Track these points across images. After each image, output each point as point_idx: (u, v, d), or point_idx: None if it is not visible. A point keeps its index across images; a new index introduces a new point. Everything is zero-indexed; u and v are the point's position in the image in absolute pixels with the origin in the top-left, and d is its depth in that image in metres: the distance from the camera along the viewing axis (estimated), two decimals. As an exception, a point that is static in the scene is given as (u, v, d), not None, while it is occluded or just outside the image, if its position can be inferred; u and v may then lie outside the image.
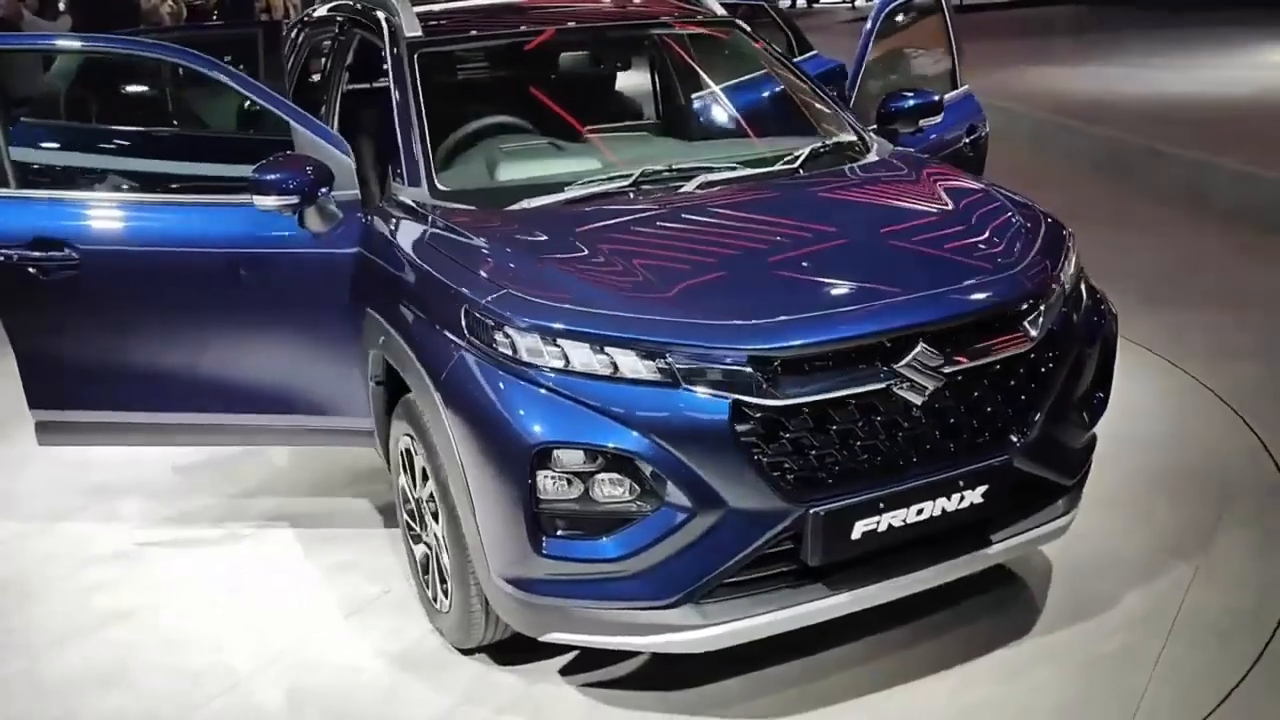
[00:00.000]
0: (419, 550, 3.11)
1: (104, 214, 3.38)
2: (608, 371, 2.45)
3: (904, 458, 2.56)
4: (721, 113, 4.03)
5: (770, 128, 3.84)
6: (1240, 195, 6.87)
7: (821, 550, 2.50)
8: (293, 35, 4.64)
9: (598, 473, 2.44)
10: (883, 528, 2.53)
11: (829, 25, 19.07)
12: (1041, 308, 2.72)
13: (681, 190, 3.19)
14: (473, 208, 3.08)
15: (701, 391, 2.42)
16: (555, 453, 2.43)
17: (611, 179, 3.22)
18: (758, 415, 2.42)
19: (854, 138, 3.64)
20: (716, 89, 4.13)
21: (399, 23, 3.53)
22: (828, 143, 3.56)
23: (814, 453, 2.48)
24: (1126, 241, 6.05)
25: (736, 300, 2.56)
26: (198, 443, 3.83)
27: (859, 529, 2.51)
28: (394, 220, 3.14)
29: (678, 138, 4.00)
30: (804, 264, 2.81)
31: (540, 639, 2.64)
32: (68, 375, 3.48)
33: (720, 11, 4.09)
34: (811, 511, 2.45)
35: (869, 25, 4.29)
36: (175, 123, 4.45)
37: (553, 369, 2.47)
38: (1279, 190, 6.61)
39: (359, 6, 3.96)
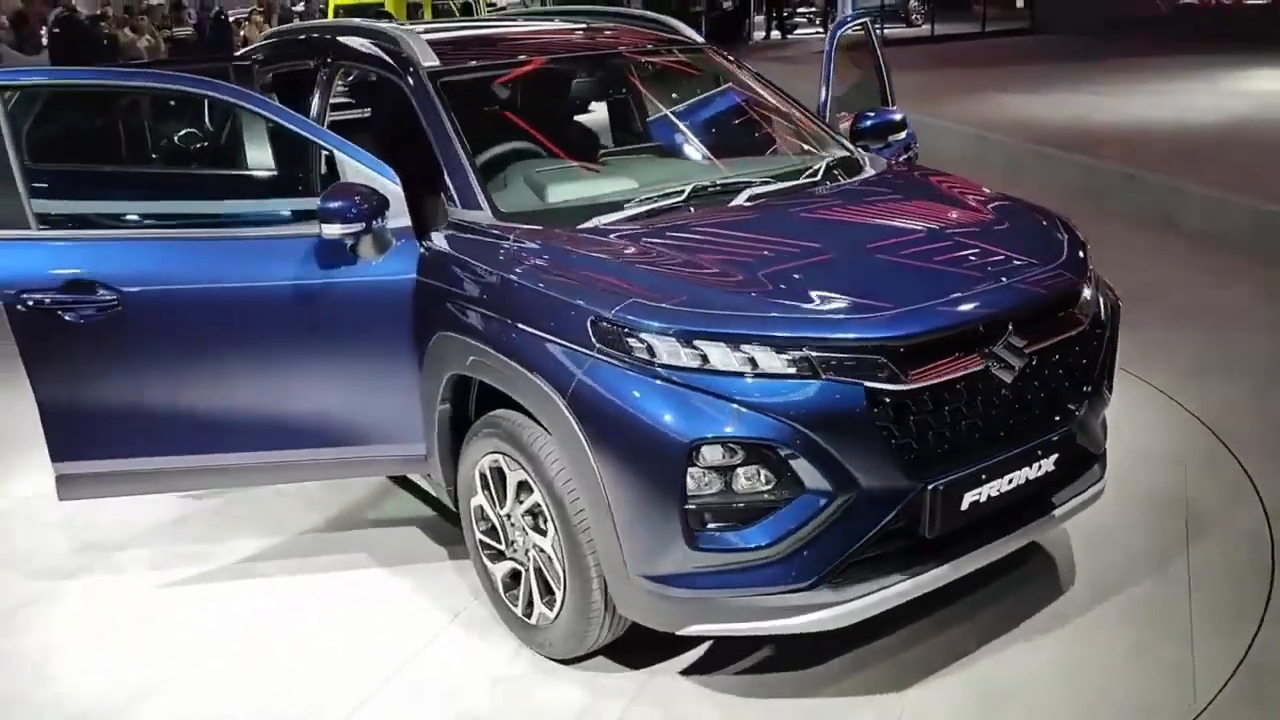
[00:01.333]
0: (501, 568, 3.19)
1: (146, 253, 3.29)
2: (747, 368, 2.59)
3: (997, 432, 2.84)
4: (725, 132, 4.17)
5: (772, 146, 4.06)
6: (1210, 219, 7.11)
7: (939, 523, 2.73)
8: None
9: (742, 465, 2.57)
10: (983, 498, 2.79)
11: (804, 56, 19.30)
12: (1087, 293, 3.08)
13: (733, 204, 3.38)
14: (539, 227, 3.17)
15: (838, 381, 2.59)
16: (704, 449, 2.55)
17: (665, 195, 3.36)
18: (888, 400, 2.63)
19: (847, 153, 3.90)
20: (712, 110, 4.28)
21: (412, 54, 3.59)
22: (836, 156, 3.82)
23: (930, 432, 2.72)
24: (1100, 263, 6.17)
25: (853, 295, 2.77)
26: (233, 484, 3.74)
27: (966, 500, 2.76)
28: (466, 243, 3.18)
29: (683, 157, 4.08)
30: (895, 261, 3.03)
31: (677, 633, 2.79)
32: (97, 423, 3.36)
33: (699, 39, 4.34)
34: (929, 487, 2.68)
35: (827, 50, 4.59)
36: (154, 156, 4.44)
37: (692, 369, 2.60)
38: (1248, 215, 6.87)
39: (348, 43, 3.99)
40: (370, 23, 4.02)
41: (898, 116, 4.15)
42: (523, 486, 2.98)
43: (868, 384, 2.59)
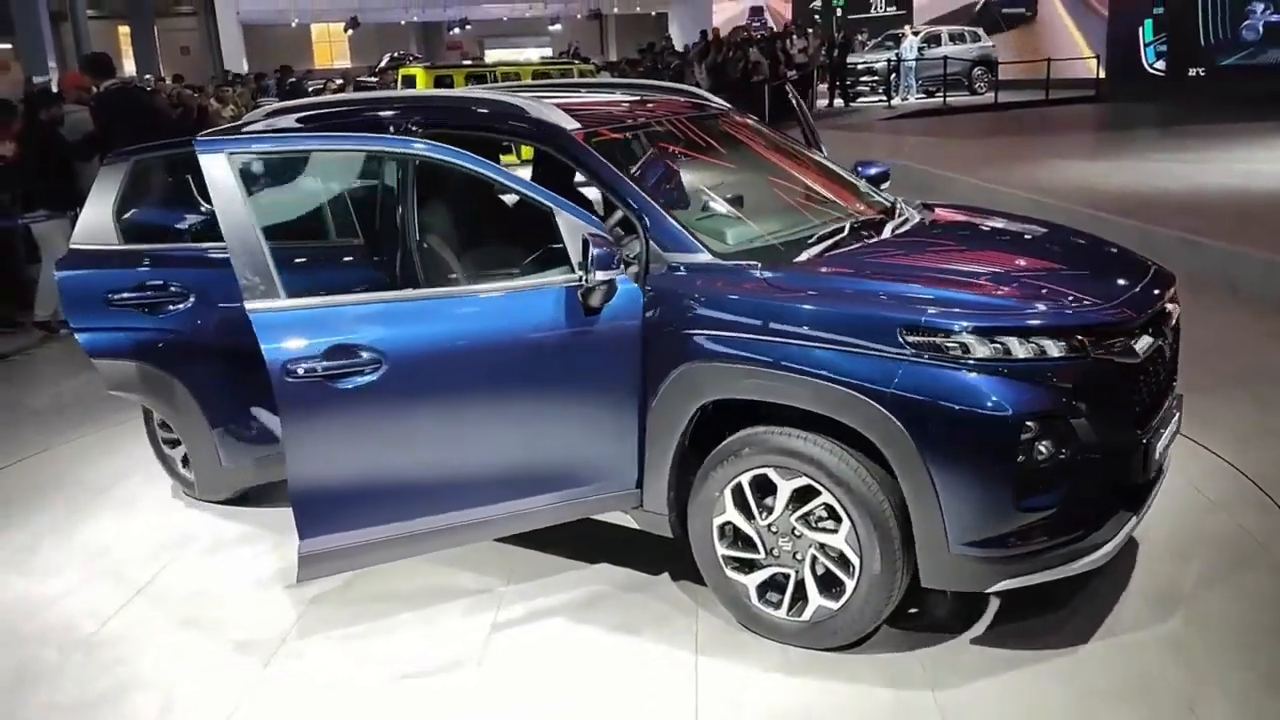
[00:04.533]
0: (754, 579, 3.44)
1: (400, 313, 3.35)
2: (1035, 354, 3.07)
3: (1159, 394, 3.48)
4: (798, 182, 4.37)
5: (837, 194, 4.31)
6: (1270, 283, 7.04)
7: (1147, 468, 3.33)
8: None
9: (1041, 436, 3.04)
10: (1161, 447, 3.42)
11: (867, 124, 19.51)
12: None
13: (885, 236, 3.85)
14: (757, 262, 3.44)
15: (1101, 359, 3.15)
16: (1024, 422, 3.01)
17: (832, 233, 3.76)
18: (1127, 371, 3.22)
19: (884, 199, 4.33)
20: (784, 163, 4.51)
21: (553, 120, 3.78)
22: (891, 200, 4.30)
23: (1143, 395, 3.34)
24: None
25: (1081, 291, 3.34)
26: (471, 540, 3.68)
27: (1157, 449, 3.37)
28: (707, 280, 3.39)
29: (790, 202, 4.24)
30: (1069, 267, 3.72)
31: (986, 591, 3.29)
32: (351, 493, 3.35)
33: (727, 106, 4.69)
34: (1144, 440, 3.30)
35: (798, 108, 5.10)
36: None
37: (998, 359, 3.04)
38: (1309, 279, 6.76)
39: (445, 111, 4.09)
40: (480, 92, 4.26)
41: (875, 171, 4.74)
42: (803, 492, 3.27)
43: (1117, 359, 3.17)
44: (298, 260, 4.01)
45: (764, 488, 3.36)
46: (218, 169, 3.30)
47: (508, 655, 3.49)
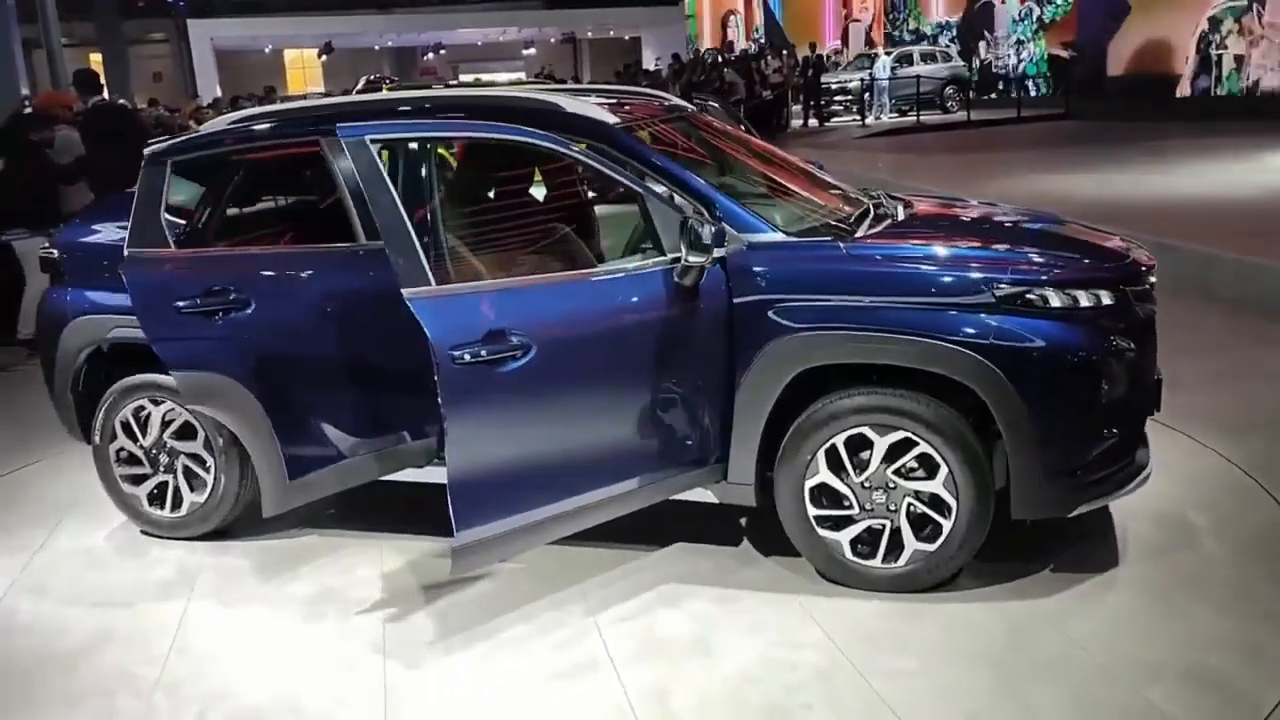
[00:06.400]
0: (846, 535, 3.60)
1: (540, 296, 3.43)
2: (1095, 303, 3.49)
3: None
4: (786, 176, 4.45)
5: (825, 185, 4.43)
6: (1246, 285, 7.21)
7: (1159, 403, 3.80)
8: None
9: (1108, 371, 3.45)
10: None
11: (842, 142, 19.70)
12: None
13: (903, 218, 4.11)
14: (830, 238, 3.70)
15: (1137, 305, 3.61)
16: (1098, 361, 3.43)
17: (863, 214, 4.01)
18: (1150, 316, 3.68)
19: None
20: (764, 161, 4.60)
21: (590, 115, 3.80)
22: (870, 190, 4.50)
23: (1153, 338, 3.74)
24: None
25: (1104, 251, 3.84)
26: (590, 523, 3.63)
27: (1162, 393, 3.82)
28: (791, 257, 3.59)
29: (785, 194, 4.32)
30: (1074, 235, 4.12)
31: (1069, 515, 3.56)
32: (505, 479, 3.37)
33: (691, 108, 4.85)
34: (1159, 376, 3.77)
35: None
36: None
37: (1070, 308, 3.45)
38: (1283, 279, 6.90)
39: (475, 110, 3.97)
40: (513, 91, 4.31)
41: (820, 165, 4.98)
42: (897, 445, 3.47)
43: (1145, 305, 3.65)
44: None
45: (854, 447, 3.52)
46: (361, 154, 3.34)
47: (631, 642, 3.44)
